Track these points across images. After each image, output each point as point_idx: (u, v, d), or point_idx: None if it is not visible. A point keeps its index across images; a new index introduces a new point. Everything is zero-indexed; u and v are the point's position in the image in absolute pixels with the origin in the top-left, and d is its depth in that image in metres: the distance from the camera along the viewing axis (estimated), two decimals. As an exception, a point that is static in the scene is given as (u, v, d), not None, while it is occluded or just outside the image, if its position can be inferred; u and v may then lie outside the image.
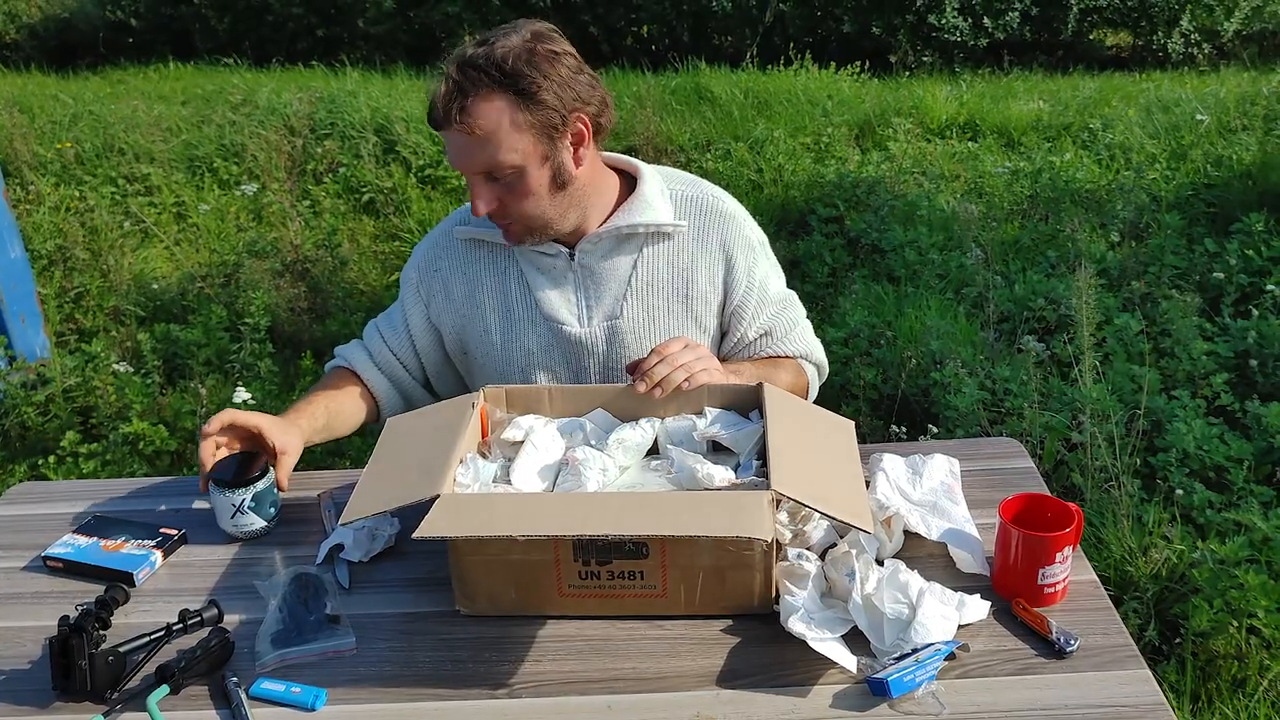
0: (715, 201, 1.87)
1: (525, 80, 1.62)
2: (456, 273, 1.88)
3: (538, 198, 1.70)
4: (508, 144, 1.64)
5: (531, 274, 1.85)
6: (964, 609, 1.37)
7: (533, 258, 1.84)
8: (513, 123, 1.63)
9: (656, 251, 1.84)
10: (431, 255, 1.92)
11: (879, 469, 1.62)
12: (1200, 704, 2.35)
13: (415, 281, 1.92)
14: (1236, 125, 6.10)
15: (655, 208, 1.82)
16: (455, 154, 1.67)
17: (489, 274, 1.87)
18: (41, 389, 3.78)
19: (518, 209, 1.71)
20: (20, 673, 1.39)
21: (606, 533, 1.30)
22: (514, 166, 1.65)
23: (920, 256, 4.49)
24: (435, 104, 1.64)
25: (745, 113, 6.62)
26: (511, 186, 1.68)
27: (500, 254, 1.87)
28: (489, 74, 1.61)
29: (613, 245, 1.82)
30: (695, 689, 1.31)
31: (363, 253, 5.30)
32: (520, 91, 1.62)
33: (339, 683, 1.34)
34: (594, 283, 1.83)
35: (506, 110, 1.62)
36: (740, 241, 1.86)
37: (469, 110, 1.61)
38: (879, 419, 3.46)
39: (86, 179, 6.08)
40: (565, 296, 1.84)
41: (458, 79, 1.61)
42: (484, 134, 1.62)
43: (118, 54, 9.89)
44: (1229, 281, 4.07)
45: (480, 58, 1.62)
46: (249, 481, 1.62)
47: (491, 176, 1.67)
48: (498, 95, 1.62)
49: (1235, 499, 2.80)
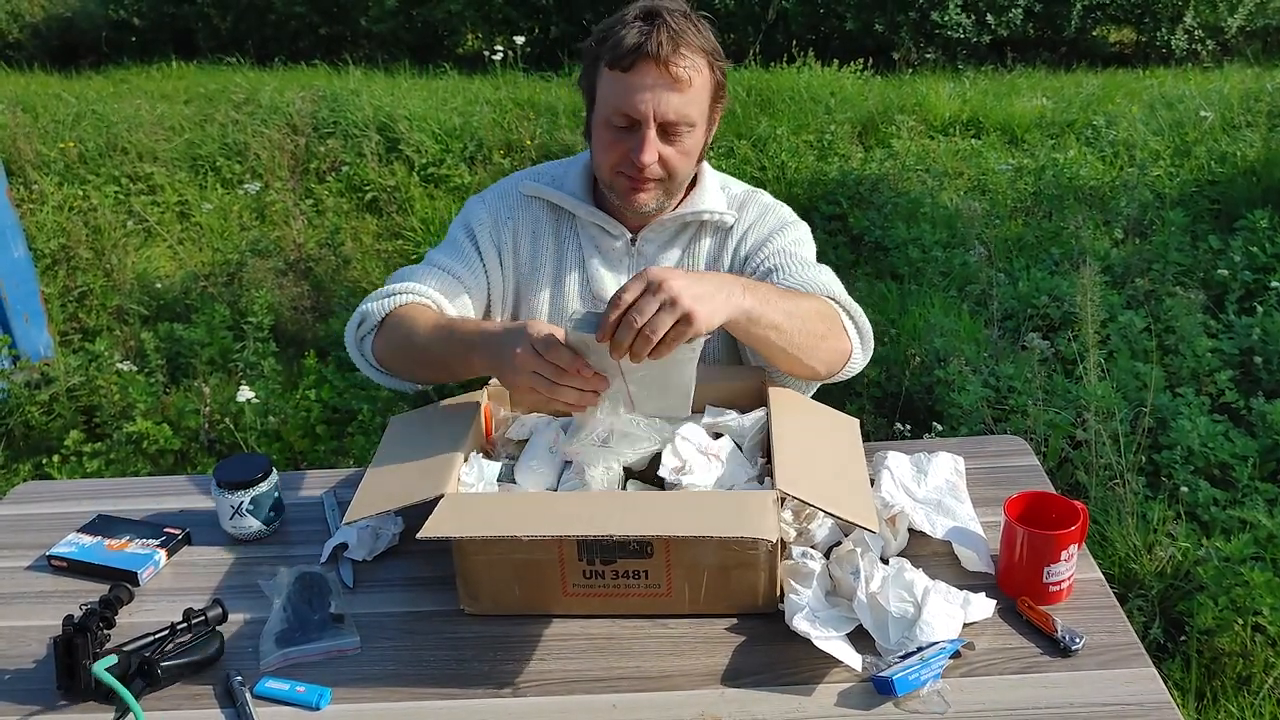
0: (768, 202, 1.89)
1: (714, 47, 1.68)
2: (525, 228, 1.86)
3: (691, 160, 1.74)
4: (699, 100, 1.67)
5: (590, 251, 1.84)
6: (969, 607, 1.37)
7: (595, 235, 1.84)
8: (706, 81, 1.68)
9: (706, 244, 1.85)
10: (504, 205, 1.87)
11: (883, 467, 1.62)
12: (1205, 702, 2.35)
13: (490, 224, 1.85)
14: (1240, 122, 6.09)
15: (715, 199, 1.84)
16: (648, 95, 1.64)
17: (552, 239, 1.86)
18: (45, 388, 3.78)
19: (674, 166, 1.71)
20: (25, 672, 1.39)
21: (611, 533, 1.30)
22: (692, 124, 1.68)
23: (924, 254, 4.48)
24: (648, 42, 1.61)
25: (748, 110, 6.61)
26: (680, 142, 1.69)
27: (564, 222, 1.86)
28: (694, 29, 1.65)
29: (672, 235, 1.84)
30: (700, 688, 1.30)
31: (365, 251, 5.30)
32: (713, 55, 1.68)
33: (343, 682, 1.34)
34: None
35: (705, 67, 1.67)
36: (785, 229, 1.85)
37: (686, 57, 1.63)
38: (883, 417, 3.46)
39: (90, 178, 6.08)
40: (618, 279, 1.84)
41: (674, 26, 1.62)
42: (689, 83, 1.64)
43: (120, 53, 9.90)
44: (1233, 278, 4.06)
45: (683, 14, 1.65)
46: (248, 484, 1.62)
47: (666, 129, 1.67)
48: (701, 52, 1.65)
49: (1240, 496, 2.79)
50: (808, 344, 1.58)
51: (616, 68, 1.64)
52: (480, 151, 6.27)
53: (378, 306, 1.73)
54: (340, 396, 3.70)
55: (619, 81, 1.64)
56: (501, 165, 6.08)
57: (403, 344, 1.69)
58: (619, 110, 1.65)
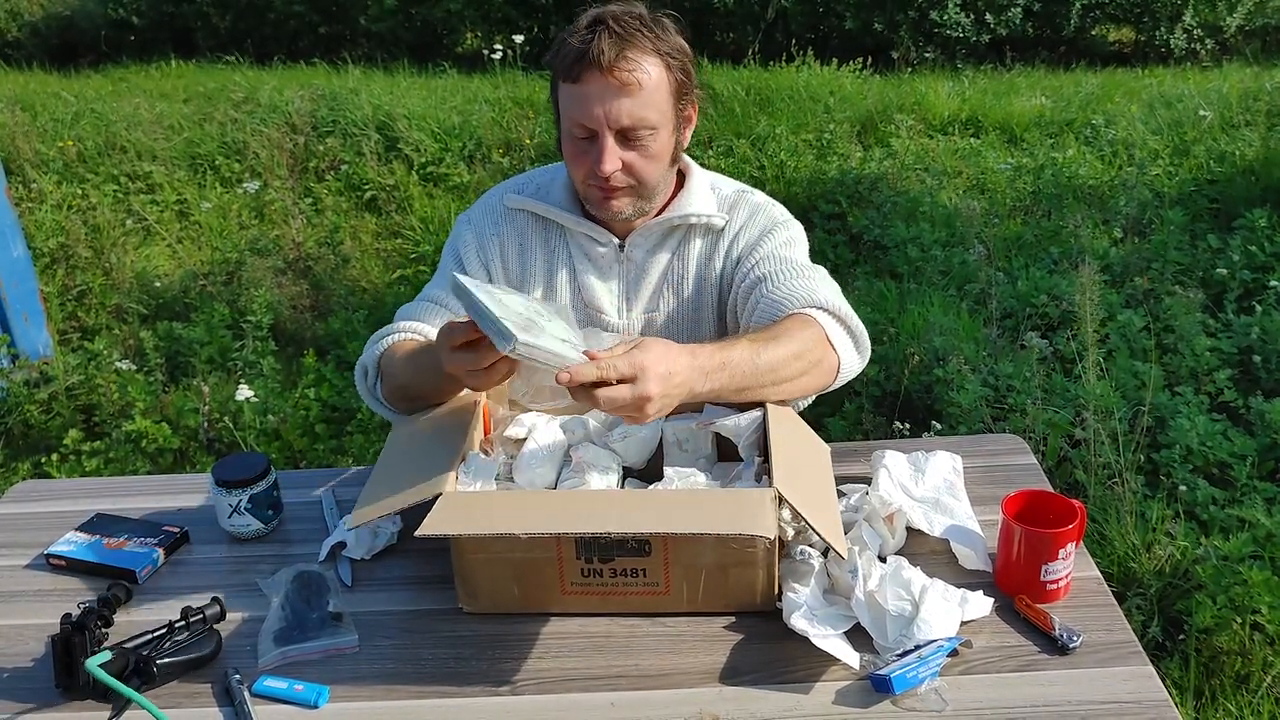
0: (758, 201, 1.87)
1: (673, 47, 1.66)
2: (512, 242, 1.86)
3: (660, 163, 1.71)
4: (655, 102, 1.65)
5: (579, 259, 1.84)
6: (967, 605, 1.37)
7: (584, 243, 1.83)
8: (660, 82, 1.65)
9: (696, 246, 1.84)
10: (487, 222, 1.87)
11: (881, 465, 1.62)
12: (1204, 700, 2.35)
13: (475, 245, 1.86)
14: (1239, 121, 6.09)
15: (703, 201, 1.83)
16: (598, 104, 1.63)
17: (540, 249, 1.85)
18: (44, 387, 3.79)
19: (640, 171, 1.70)
20: (23, 670, 1.39)
21: (609, 530, 1.30)
22: (652, 127, 1.66)
23: (923, 253, 4.48)
24: (590, 50, 1.60)
25: (747, 109, 6.61)
26: (643, 147, 1.68)
27: (552, 232, 1.85)
28: (645, 32, 1.63)
29: (660, 238, 1.83)
30: (698, 686, 1.30)
31: (365, 250, 5.31)
32: (669, 54, 1.66)
33: (341, 680, 1.34)
34: (637, 276, 1.83)
35: (659, 69, 1.65)
36: (775, 230, 1.83)
37: (632, 60, 1.61)
38: (881, 416, 3.46)
39: (89, 177, 6.08)
40: (608, 286, 1.84)
41: (618, 30, 1.61)
42: (639, 86, 1.62)
43: (119, 52, 9.89)
44: (1232, 277, 4.06)
45: (633, 15, 1.64)
46: (246, 483, 1.62)
47: (625, 135, 1.66)
48: (653, 54, 1.64)
49: (1239, 495, 2.79)
50: (782, 389, 1.59)
51: (568, 80, 1.64)
52: (479, 150, 6.27)
53: (370, 355, 1.77)
54: (339, 395, 3.70)
55: (571, 93, 1.64)
56: (501, 164, 6.08)
57: (397, 384, 1.72)
58: (576, 122, 1.65)
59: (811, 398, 1.78)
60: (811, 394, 1.70)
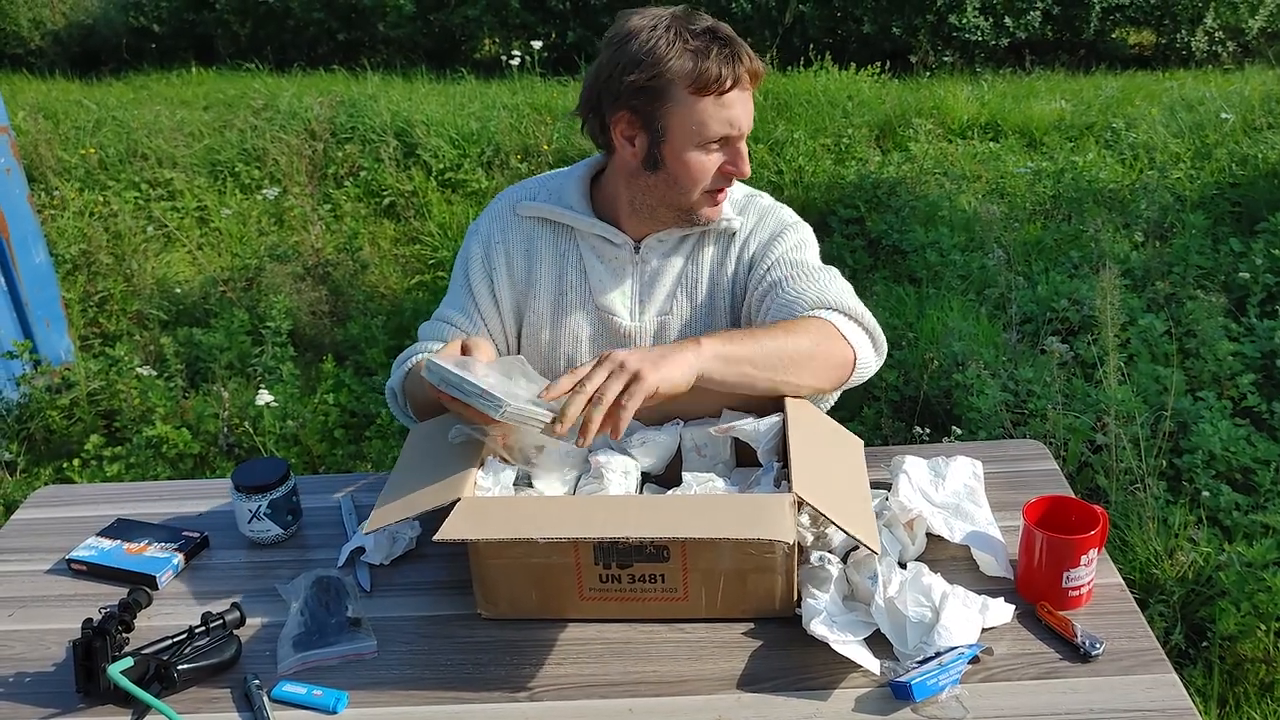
0: (767, 204, 1.87)
1: None
2: (518, 248, 1.86)
3: None
4: None
5: (591, 261, 1.84)
6: (987, 612, 1.36)
7: (597, 245, 1.83)
8: None
9: (711, 250, 1.84)
10: (494, 229, 1.88)
11: (901, 471, 1.61)
12: (1228, 708, 2.33)
13: (480, 256, 1.87)
14: (1262, 124, 6.05)
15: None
16: (742, 112, 1.68)
17: (549, 254, 1.86)
18: (66, 393, 3.81)
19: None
20: (44, 675, 1.40)
21: (627, 535, 1.30)
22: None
23: (942, 258, 4.47)
24: (738, 64, 1.63)
25: (765, 114, 6.60)
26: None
27: (562, 236, 1.86)
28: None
29: (675, 243, 1.83)
30: (716, 692, 1.30)
31: (383, 256, 5.33)
32: None
33: (360, 685, 1.34)
34: (651, 279, 1.84)
35: None
36: (785, 233, 1.83)
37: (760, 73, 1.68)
38: (901, 420, 3.45)
39: (110, 184, 6.13)
40: (621, 289, 1.84)
41: (736, 39, 1.66)
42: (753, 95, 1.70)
43: (140, 60, 9.98)
44: (1255, 281, 4.03)
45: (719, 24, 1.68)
46: (266, 488, 1.62)
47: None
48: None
49: (1262, 501, 2.77)
50: (794, 376, 1.61)
51: (710, 92, 1.63)
52: (498, 156, 6.29)
53: (396, 379, 1.84)
54: (358, 401, 3.71)
55: (713, 104, 1.64)
56: (519, 170, 6.09)
57: (425, 401, 1.73)
58: (718, 133, 1.66)
59: (832, 399, 1.78)
60: (829, 388, 1.70)
